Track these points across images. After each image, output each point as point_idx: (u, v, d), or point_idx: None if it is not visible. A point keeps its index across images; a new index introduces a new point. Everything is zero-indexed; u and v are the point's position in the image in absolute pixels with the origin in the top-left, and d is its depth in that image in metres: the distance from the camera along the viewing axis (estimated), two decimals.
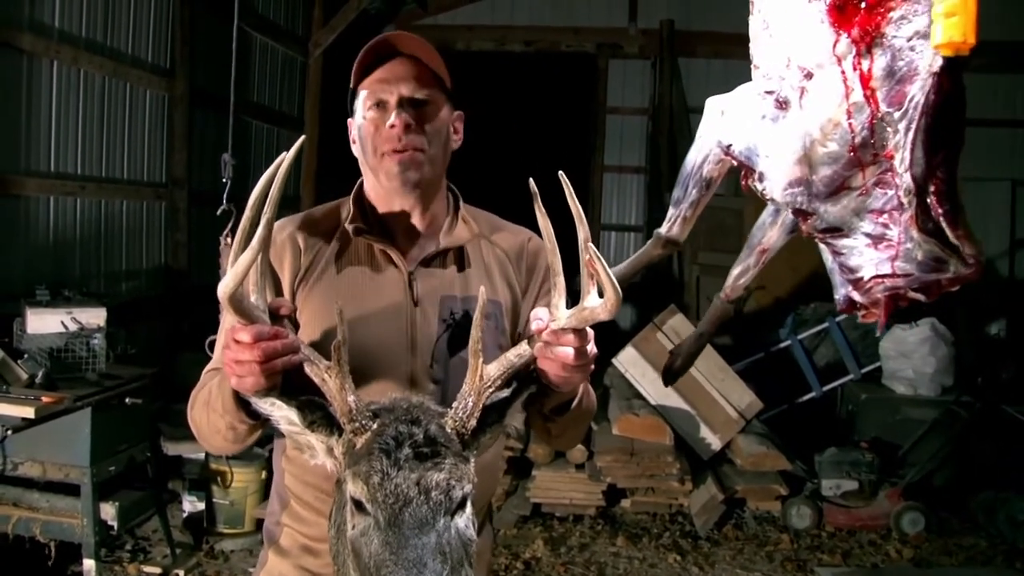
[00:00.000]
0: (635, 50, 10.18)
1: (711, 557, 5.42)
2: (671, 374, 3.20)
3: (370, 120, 1.83)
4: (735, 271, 2.87)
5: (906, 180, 1.87)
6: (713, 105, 2.40)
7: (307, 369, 1.51)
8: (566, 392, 1.67)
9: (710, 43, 9.63)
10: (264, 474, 5.11)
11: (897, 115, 1.83)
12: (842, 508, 5.89)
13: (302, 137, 1.73)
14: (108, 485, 4.44)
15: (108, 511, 4.41)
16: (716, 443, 6.36)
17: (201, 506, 5.14)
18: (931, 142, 1.82)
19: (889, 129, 1.86)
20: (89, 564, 4.26)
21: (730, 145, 2.27)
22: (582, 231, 1.51)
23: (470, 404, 1.49)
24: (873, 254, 2.02)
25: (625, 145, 10.33)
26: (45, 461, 4.27)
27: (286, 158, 1.50)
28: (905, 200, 1.90)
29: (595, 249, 1.49)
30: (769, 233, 2.69)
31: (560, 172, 1.56)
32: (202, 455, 5.09)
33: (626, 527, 5.82)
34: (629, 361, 6.52)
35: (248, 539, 5.12)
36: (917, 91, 1.80)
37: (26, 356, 4.29)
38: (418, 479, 1.36)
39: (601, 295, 1.49)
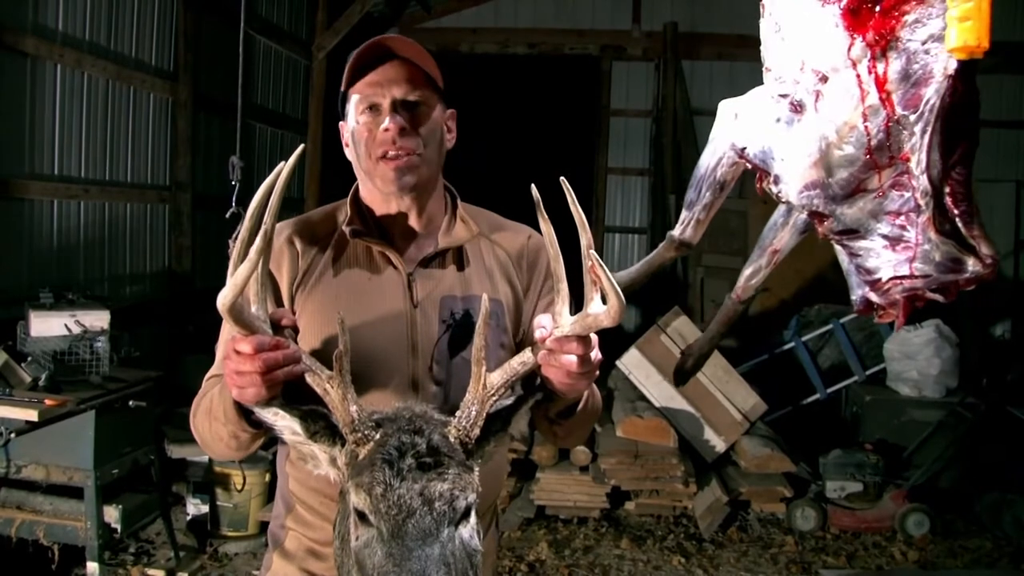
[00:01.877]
0: (639, 52, 10.19)
1: (715, 559, 5.41)
2: (683, 374, 3.22)
3: (363, 124, 1.82)
4: (747, 271, 2.87)
5: (923, 182, 1.87)
6: (726, 108, 2.39)
7: (309, 379, 1.50)
8: (571, 397, 1.66)
9: (714, 45, 9.64)
10: (268, 477, 5.11)
11: (913, 118, 1.83)
12: (847, 510, 5.88)
13: (301, 146, 1.73)
14: (112, 488, 4.45)
15: (112, 514, 4.42)
16: (720, 445, 6.35)
17: (205, 509, 5.14)
18: (946, 144, 1.82)
19: (905, 132, 1.86)
20: (93, 567, 4.27)
21: (744, 148, 2.26)
22: (584, 237, 1.49)
23: (473, 413, 1.48)
24: (891, 255, 2.02)
25: (629, 147, 10.33)
26: (49, 464, 4.28)
27: (285, 166, 1.49)
28: (922, 202, 1.90)
29: (597, 256, 1.47)
30: (780, 234, 2.69)
31: (562, 178, 1.55)
32: (206, 458, 5.09)
33: (630, 529, 5.81)
34: (633, 363, 6.51)
35: (252, 542, 5.12)
36: (932, 94, 1.80)
37: (30, 359, 4.29)
38: (421, 490, 1.35)
39: (605, 302, 1.47)
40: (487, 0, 10.36)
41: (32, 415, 3.91)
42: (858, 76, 1.86)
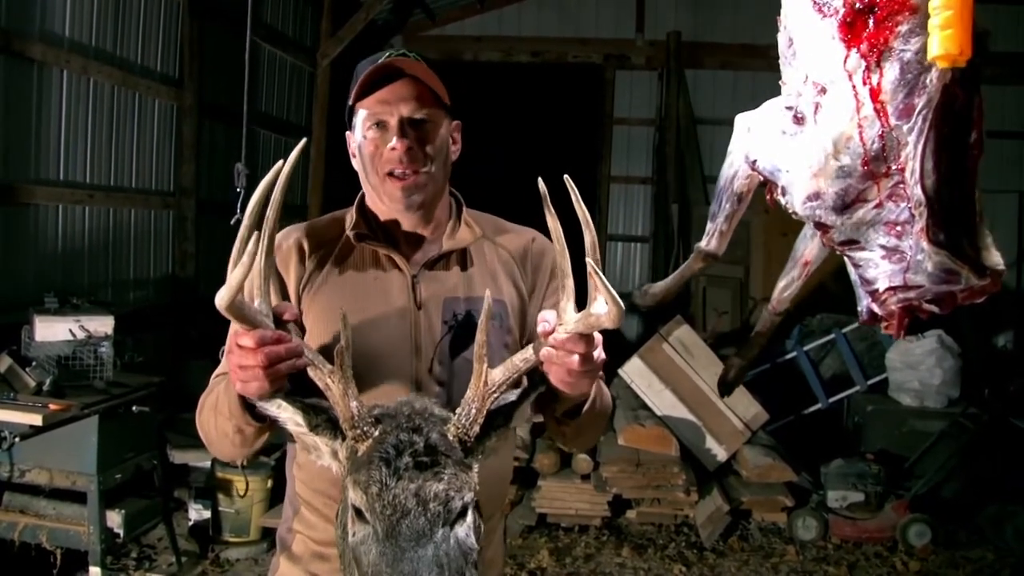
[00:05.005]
0: (642, 61, 10.21)
1: (716, 568, 5.41)
2: (726, 385, 3.28)
3: (371, 140, 1.85)
4: (780, 284, 2.91)
5: (916, 192, 1.87)
6: (741, 122, 2.42)
7: (311, 373, 1.51)
8: (575, 395, 1.66)
9: (717, 54, 9.66)
10: (270, 483, 5.12)
11: (906, 128, 1.84)
12: (848, 520, 5.87)
13: (303, 139, 1.74)
14: (114, 493, 4.46)
15: (114, 519, 4.42)
16: (722, 454, 6.36)
17: (207, 514, 5.15)
18: (941, 154, 1.83)
19: (899, 142, 1.87)
20: (95, 572, 4.27)
21: (755, 160, 2.29)
22: (588, 235, 1.49)
23: (473, 410, 1.49)
24: (887, 266, 2.03)
25: (632, 156, 10.35)
26: (52, 468, 4.29)
27: (286, 165, 1.52)
28: (916, 212, 1.90)
29: (593, 264, 1.46)
30: (810, 245, 2.71)
31: (566, 176, 1.56)
32: (208, 463, 5.10)
33: (631, 538, 5.81)
34: (635, 372, 6.52)
35: (254, 548, 5.13)
36: (925, 103, 1.81)
37: (34, 364, 4.30)
38: (416, 490, 1.35)
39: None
40: (491, 9, 10.39)
41: (36, 420, 3.93)
42: (854, 87, 1.87)
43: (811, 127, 2.03)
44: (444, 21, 10.46)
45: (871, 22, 1.83)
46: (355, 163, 1.95)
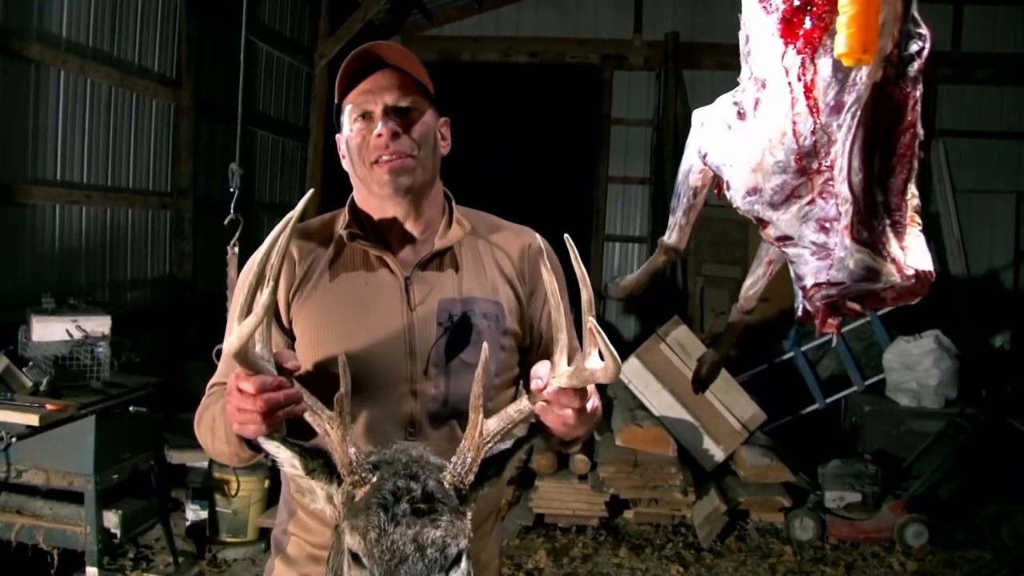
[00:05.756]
0: (640, 61, 10.21)
1: (714, 569, 5.41)
2: (700, 382, 3.28)
3: (357, 131, 1.85)
4: (747, 282, 2.92)
5: (842, 189, 1.89)
6: (696, 116, 2.45)
7: (309, 418, 1.53)
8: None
9: (715, 55, 9.66)
10: (267, 483, 5.11)
11: (836, 124, 1.86)
12: (846, 520, 5.87)
13: (311, 191, 1.75)
14: (112, 493, 4.45)
15: (111, 519, 4.42)
16: (719, 455, 6.36)
17: (204, 515, 5.15)
18: (868, 151, 1.84)
19: (830, 138, 1.88)
20: (92, 572, 4.27)
21: (706, 155, 2.31)
22: (585, 293, 1.52)
23: (469, 460, 1.50)
24: (815, 263, 2.05)
25: (630, 156, 10.34)
26: (49, 469, 4.29)
27: (292, 215, 1.53)
28: (841, 209, 1.91)
29: (595, 322, 1.49)
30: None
31: (566, 236, 1.59)
32: (205, 464, 5.10)
33: (629, 538, 5.81)
34: (633, 372, 6.51)
35: (251, 548, 5.13)
36: (854, 100, 1.83)
37: (31, 364, 4.30)
38: (414, 536, 1.37)
39: (602, 358, 1.50)
40: (489, 9, 10.39)
41: (33, 420, 3.92)
42: (789, 83, 1.89)
43: (751, 122, 2.05)
44: (442, 21, 10.45)
45: (808, 19, 1.85)
46: (345, 164, 1.94)
